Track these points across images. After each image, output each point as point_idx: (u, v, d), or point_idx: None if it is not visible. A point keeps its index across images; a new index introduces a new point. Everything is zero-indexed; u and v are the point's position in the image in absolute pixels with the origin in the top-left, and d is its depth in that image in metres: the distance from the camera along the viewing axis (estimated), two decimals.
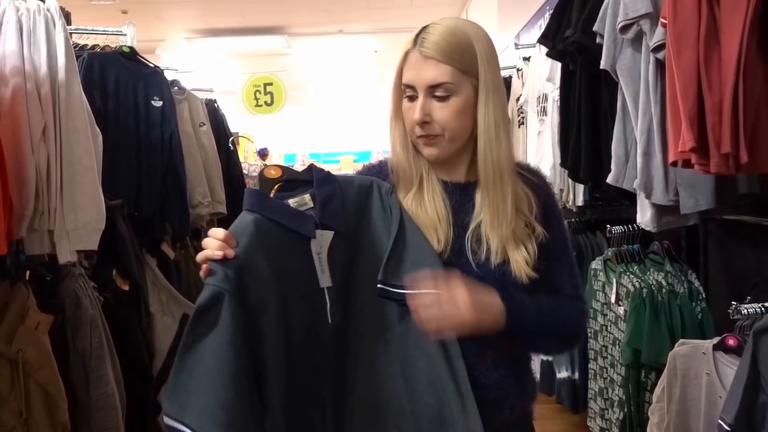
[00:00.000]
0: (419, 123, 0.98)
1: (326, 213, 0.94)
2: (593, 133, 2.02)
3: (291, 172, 0.99)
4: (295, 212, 0.93)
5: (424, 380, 0.91)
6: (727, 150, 1.17)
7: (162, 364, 2.33)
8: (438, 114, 0.97)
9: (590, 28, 1.83)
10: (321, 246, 0.92)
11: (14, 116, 1.68)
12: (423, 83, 0.96)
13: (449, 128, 0.98)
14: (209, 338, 0.81)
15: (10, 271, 1.79)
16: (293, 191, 0.96)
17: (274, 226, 0.91)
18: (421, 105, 0.97)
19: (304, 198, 0.95)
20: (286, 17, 6.22)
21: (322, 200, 0.95)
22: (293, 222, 0.92)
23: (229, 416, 0.78)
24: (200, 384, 0.80)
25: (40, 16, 1.77)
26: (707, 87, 1.20)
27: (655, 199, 1.66)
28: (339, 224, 0.94)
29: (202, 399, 0.79)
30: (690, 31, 1.24)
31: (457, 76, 0.96)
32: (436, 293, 0.88)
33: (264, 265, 0.87)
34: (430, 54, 0.95)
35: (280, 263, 0.89)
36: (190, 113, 2.97)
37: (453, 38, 0.96)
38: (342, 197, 0.97)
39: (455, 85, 0.96)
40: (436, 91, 0.96)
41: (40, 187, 1.71)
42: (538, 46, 2.64)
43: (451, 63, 0.96)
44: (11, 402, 1.65)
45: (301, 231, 0.92)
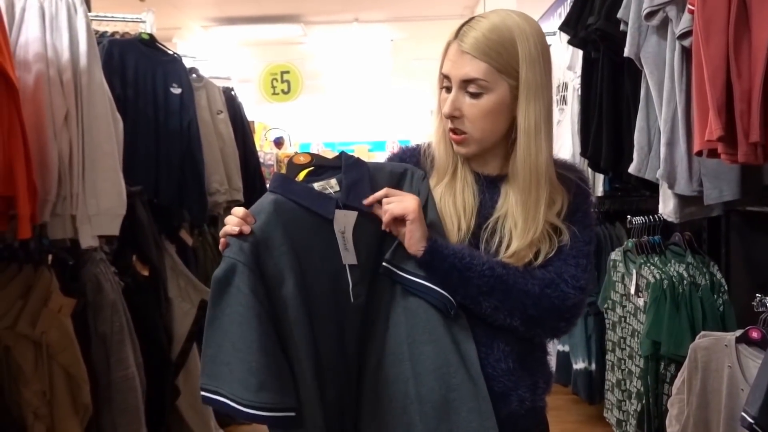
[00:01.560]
0: (448, 116, 0.97)
1: (351, 195, 0.95)
2: (615, 123, 1.99)
3: (320, 158, 1.01)
4: (318, 194, 0.95)
5: (431, 365, 0.92)
6: (755, 139, 1.14)
7: (180, 349, 2.36)
8: (468, 110, 0.96)
9: (614, 15, 1.80)
10: (345, 226, 0.94)
11: (37, 102, 1.70)
12: (457, 77, 0.95)
13: (478, 127, 0.97)
14: (230, 308, 0.84)
15: (34, 255, 1.82)
16: (320, 176, 0.98)
17: (296, 206, 0.93)
18: (453, 99, 0.96)
19: (330, 182, 0.97)
20: (301, 6, 6.20)
21: (349, 183, 0.96)
22: (313, 203, 0.93)
23: (258, 379, 0.82)
24: (227, 353, 0.83)
25: (62, 2, 1.79)
26: (736, 74, 1.18)
27: (678, 189, 1.64)
28: (362, 206, 0.95)
29: (232, 367, 0.82)
30: (719, 17, 1.21)
31: (492, 74, 0.94)
32: None
33: (282, 240, 0.90)
34: (467, 49, 0.94)
35: (300, 240, 0.91)
36: (207, 101, 2.98)
37: (493, 35, 0.94)
38: (371, 181, 0.98)
39: (489, 83, 0.94)
40: (469, 87, 0.95)
41: (62, 172, 1.73)
42: (559, 34, 2.60)
43: (488, 60, 0.93)
44: (35, 383, 1.68)
45: (320, 211, 0.93)
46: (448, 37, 0.98)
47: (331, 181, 0.97)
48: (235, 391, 0.82)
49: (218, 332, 0.85)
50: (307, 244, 0.92)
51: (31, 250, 1.82)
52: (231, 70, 4.50)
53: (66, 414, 1.73)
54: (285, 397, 0.84)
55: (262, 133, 6.48)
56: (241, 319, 0.84)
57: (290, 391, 0.85)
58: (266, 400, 0.82)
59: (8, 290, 1.74)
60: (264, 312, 0.85)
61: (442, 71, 0.98)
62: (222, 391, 0.82)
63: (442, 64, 0.98)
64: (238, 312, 0.84)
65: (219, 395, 0.83)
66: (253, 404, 0.82)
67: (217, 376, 0.83)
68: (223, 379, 0.83)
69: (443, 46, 0.99)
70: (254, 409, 0.82)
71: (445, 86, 0.98)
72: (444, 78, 0.98)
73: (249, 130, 3.62)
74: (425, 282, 0.93)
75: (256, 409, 0.82)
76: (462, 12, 6.51)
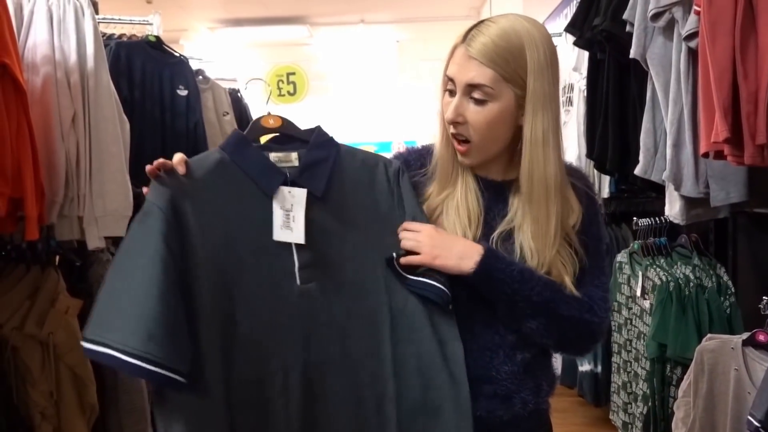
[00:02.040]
0: (451, 122, 0.95)
1: (306, 174, 0.91)
2: (621, 124, 1.98)
3: (292, 127, 0.96)
4: (268, 165, 0.90)
5: (413, 365, 0.90)
6: (762, 141, 1.14)
7: None
8: (472, 117, 0.94)
9: (620, 17, 1.80)
10: (292, 204, 0.88)
11: (45, 104, 1.71)
12: (462, 81, 0.93)
13: (480, 135, 0.95)
14: (136, 252, 0.79)
15: (41, 256, 1.84)
16: (283, 145, 0.94)
17: (238, 170, 0.88)
18: (456, 104, 0.94)
19: (291, 155, 0.92)
20: (307, 7, 6.21)
21: (308, 162, 0.92)
22: (257, 173, 0.89)
23: (147, 328, 0.74)
24: (122, 299, 0.76)
25: (70, 5, 1.80)
26: (743, 76, 1.17)
27: (684, 191, 1.63)
28: (317, 187, 0.90)
29: (123, 314, 0.75)
30: (726, 18, 1.21)
31: (498, 81, 0.92)
32: None
33: (211, 200, 0.85)
34: (474, 54, 0.92)
35: (233, 207, 0.86)
36: (214, 102, 2.99)
37: (502, 42, 0.91)
38: (336, 165, 0.93)
39: (495, 91, 0.92)
40: (474, 93, 0.93)
41: (69, 173, 1.74)
42: (564, 35, 2.60)
43: (494, 67, 0.91)
44: (42, 383, 1.69)
45: (261, 184, 0.88)
46: (456, 39, 0.96)
47: (292, 154, 0.92)
48: (121, 340, 0.74)
49: (118, 276, 0.78)
50: (242, 212, 0.86)
51: (38, 251, 1.83)
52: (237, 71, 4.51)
53: (73, 414, 1.74)
54: (175, 356, 0.76)
55: None
56: (145, 263, 0.77)
57: (183, 355, 0.77)
58: (154, 352, 0.74)
59: (16, 291, 1.75)
60: (173, 264, 0.78)
61: (447, 74, 0.96)
62: (106, 341, 0.74)
63: (447, 65, 0.97)
64: (144, 255, 0.78)
65: (103, 345, 0.74)
66: (139, 354, 0.73)
67: (106, 325, 0.76)
68: (112, 327, 0.75)
69: (450, 48, 0.97)
70: (139, 360, 0.73)
71: (448, 89, 0.97)
72: (448, 80, 0.96)
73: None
74: (427, 280, 0.91)
75: (141, 360, 0.73)
76: (468, 13, 6.50)
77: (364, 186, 0.95)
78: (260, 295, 0.86)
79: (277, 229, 0.87)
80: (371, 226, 0.93)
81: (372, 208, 0.94)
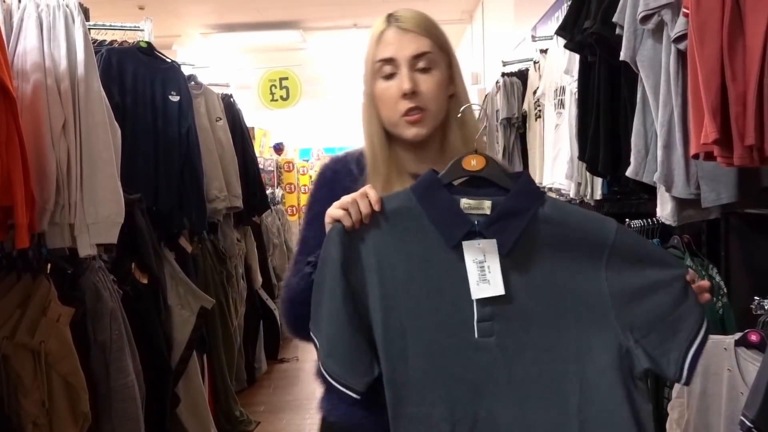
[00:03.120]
0: (408, 93, 0.95)
1: (495, 226, 0.85)
2: (612, 126, 1.99)
3: (493, 171, 0.89)
4: (456, 212, 0.86)
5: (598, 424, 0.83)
6: (751, 142, 1.14)
7: (180, 356, 2.36)
8: (424, 86, 0.96)
9: (610, 19, 1.80)
10: (484, 254, 0.84)
11: (35, 111, 1.70)
12: (406, 55, 0.95)
13: (435, 101, 0.97)
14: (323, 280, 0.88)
15: (32, 264, 1.82)
16: (478, 189, 0.88)
17: (424, 214, 0.87)
18: (409, 76, 0.95)
19: (483, 203, 0.86)
20: (300, 12, 6.22)
21: (503, 212, 0.85)
22: (441, 222, 0.86)
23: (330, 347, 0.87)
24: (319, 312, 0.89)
25: (60, 12, 1.79)
26: (731, 77, 1.17)
27: (675, 192, 1.64)
28: (505, 241, 0.84)
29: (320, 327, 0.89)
30: (713, 20, 1.21)
31: (435, 49, 0.97)
32: None
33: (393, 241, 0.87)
34: (410, 27, 0.96)
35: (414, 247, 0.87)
36: (206, 108, 2.99)
37: (425, 16, 0.99)
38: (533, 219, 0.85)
39: (435, 56, 0.97)
40: (420, 62, 0.96)
41: (60, 181, 1.74)
42: (556, 38, 2.61)
43: (430, 36, 0.97)
44: (34, 392, 1.68)
45: (443, 235, 0.85)
46: (377, 28, 0.99)
47: (485, 202, 0.86)
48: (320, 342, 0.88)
49: (317, 292, 0.89)
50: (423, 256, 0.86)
51: (29, 259, 1.82)
52: (230, 76, 4.51)
53: (65, 423, 1.72)
54: (349, 375, 0.86)
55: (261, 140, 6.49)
56: (330, 294, 0.86)
57: (358, 374, 0.86)
58: (331, 368, 0.86)
59: (7, 299, 1.74)
60: (351, 295, 0.86)
61: (380, 58, 0.97)
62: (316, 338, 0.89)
63: (376, 52, 0.98)
64: (328, 285, 0.87)
65: (316, 338, 0.89)
66: (322, 365, 0.87)
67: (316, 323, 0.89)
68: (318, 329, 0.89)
69: (373, 36, 0.99)
70: (323, 368, 0.88)
71: (385, 74, 0.97)
72: (383, 64, 0.97)
73: (248, 136, 3.63)
74: None
75: (323, 370, 0.88)
76: (460, 17, 6.53)
77: (562, 248, 0.86)
78: (435, 340, 0.85)
79: (474, 284, 0.84)
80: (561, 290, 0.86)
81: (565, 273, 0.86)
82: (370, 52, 0.99)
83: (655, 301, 0.85)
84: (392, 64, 0.96)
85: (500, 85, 3.46)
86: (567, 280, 0.86)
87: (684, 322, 0.86)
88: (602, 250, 0.85)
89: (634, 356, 0.84)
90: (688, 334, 0.85)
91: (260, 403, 3.53)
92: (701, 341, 0.86)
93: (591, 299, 0.85)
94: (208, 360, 2.92)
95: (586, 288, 0.85)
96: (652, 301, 0.86)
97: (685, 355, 0.85)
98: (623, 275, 0.85)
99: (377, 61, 0.98)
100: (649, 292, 0.86)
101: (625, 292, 0.86)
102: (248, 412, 3.26)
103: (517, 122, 3.37)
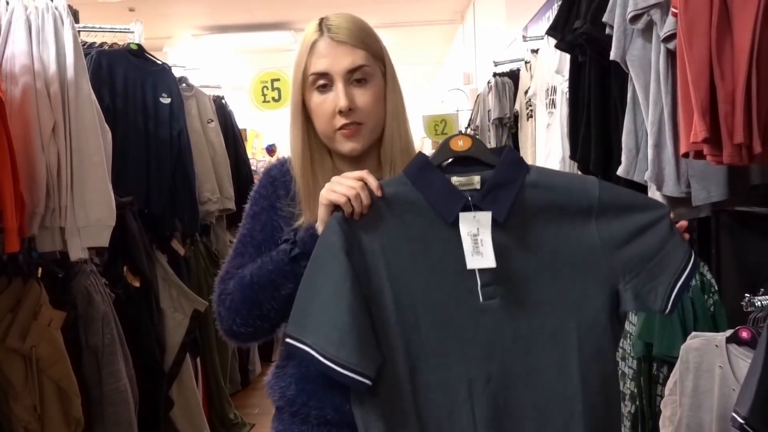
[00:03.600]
0: (344, 110, 0.93)
1: (488, 198, 0.90)
2: (603, 125, 2.00)
3: (480, 149, 0.93)
4: (450, 190, 0.90)
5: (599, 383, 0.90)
6: (740, 140, 1.15)
7: (173, 360, 2.35)
8: (360, 100, 0.94)
9: (600, 19, 1.81)
10: (477, 227, 0.89)
11: (24, 115, 1.69)
12: (341, 69, 0.93)
13: (372, 114, 0.95)
14: (327, 265, 0.87)
15: (23, 268, 1.81)
16: (467, 167, 0.93)
17: (420, 195, 0.91)
18: (345, 91, 0.93)
19: (473, 178, 0.91)
20: (292, 13, 6.21)
21: (492, 185, 0.91)
22: (437, 199, 0.90)
23: (340, 336, 0.84)
24: (316, 306, 0.86)
25: (49, 14, 1.78)
26: (720, 76, 1.18)
27: (666, 191, 1.65)
28: (499, 211, 0.89)
29: (317, 319, 0.86)
30: (702, 19, 1.22)
31: (370, 60, 0.95)
32: None
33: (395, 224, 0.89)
34: (343, 38, 0.93)
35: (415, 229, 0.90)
36: (198, 110, 2.98)
37: (359, 24, 0.96)
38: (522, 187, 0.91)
39: (371, 68, 0.95)
40: (355, 76, 0.94)
41: (50, 184, 1.73)
42: (547, 38, 2.61)
43: (364, 47, 0.94)
44: (25, 397, 1.67)
45: (441, 212, 0.90)
46: (309, 37, 0.95)
47: (474, 177, 0.91)
48: (318, 342, 0.85)
49: (311, 285, 0.87)
50: (424, 235, 0.90)
51: (20, 263, 1.81)
52: (222, 78, 4.50)
53: (57, 428, 1.71)
54: (363, 362, 0.85)
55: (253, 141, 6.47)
56: (335, 279, 0.86)
57: (369, 360, 0.85)
58: (345, 358, 0.84)
59: None
60: (357, 280, 0.86)
61: (314, 71, 0.94)
62: (306, 340, 0.85)
63: (307, 64, 0.94)
64: (333, 271, 0.86)
65: (303, 344, 0.85)
66: (332, 358, 0.84)
67: (303, 326, 0.86)
68: (308, 329, 0.86)
69: (303, 47, 0.95)
70: (332, 363, 0.84)
71: (319, 86, 0.95)
72: (318, 78, 0.94)
73: (240, 138, 3.62)
74: None
75: (334, 364, 0.84)
76: (452, 17, 6.54)
77: (552, 209, 0.92)
78: (444, 312, 0.90)
79: (469, 256, 0.89)
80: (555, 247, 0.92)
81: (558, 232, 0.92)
82: (302, 62, 0.95)
83: (643, 243, 0.91)
84: (326, 78, 0.94)
85: (492, 85, 3.47)
86: (561, 238, 0.91)
87: (671, 257, 0.91)
88: (590, 206, 0.91)
89: (622, 299, 0.91)
90: (675, 268, 0.91)
91: (254, 405, 3.52)
92: (689, 273, 0.91)
93: (585, 252, 0.91)
94: (201, 363, 2.91)
95: (579, 243, 0.91)
96: (641, 244, 0.91)
97: (672, 287, 0.90)
98: (612, 225, 0.92)
99: (311, 74, 0.95)
100: (637, 235, 0.92)
101: (615, 240, 0.91)
102: (242, 415, 3.25)
103: (508, 122, 3.38)
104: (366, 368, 0.85)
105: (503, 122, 3.39)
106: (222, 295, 0.96)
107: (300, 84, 0.97)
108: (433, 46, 8.07)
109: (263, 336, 1.00)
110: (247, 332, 0.96)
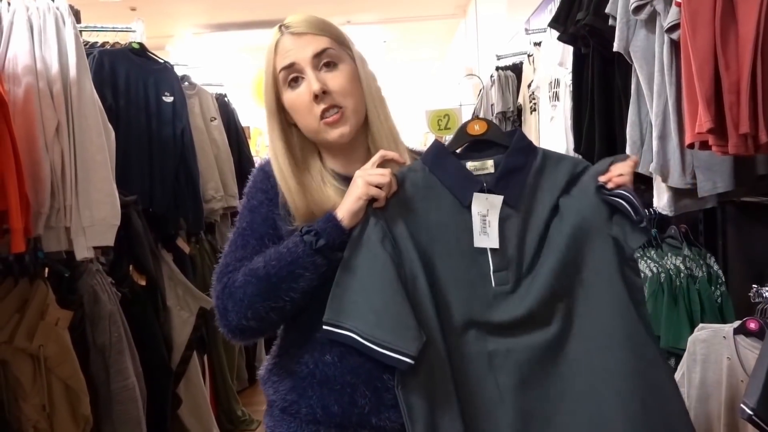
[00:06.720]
0: (318, 94, 0.94)
1: (501, 183, 0.95)
2: (607, 118, 1.99)
3: (495, 132, 0.98)
4: (465, 175, 0.96)
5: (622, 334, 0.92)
6: (745, 130, 1.14)
7: (180, 357, 2.36)
8: (333, 83, 0.95)
9: (602, 11, 1.80)
10: (487, 208, 0.94)
11: (27, 115, 1.69)
12: (307, 56, 0.95)
13: (349, 95, 0.96)
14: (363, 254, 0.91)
15: (29, 268, 1.82)
16: (481, 152, 0.98)
17: (437, 181, 0.95)
18: (314, 77, 0.94)
19: (487, 163, 0.97)
20: (293, 9, 6.18)
21: (505, 170, 0.96)
22: (453, 184, 0.95)
23: (378, 318, 0.88)
24: (355, 293, 0.90)
25: (50, 14, 1.78)
26: (724, 66, 1.17)
27: (671, 182, 1.64)
28: (511, 195, 0.95)
29: (356, 306, 0.89)
30: (705, 9, 1.21)
31: (335, 45, 0.97)
32: None
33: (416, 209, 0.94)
34: (304, 30, 0.96)
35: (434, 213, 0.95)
36: (200, 108, 2.98)
37: (317, 17, 0.99)
38: (537, 173, 0.96)
39: (337, 52, 0.97)
40: (323, 60, 0.95)
41: (55, 184, 1.73)
42: (549, 31, 2.60)
43: (326, 34, 0.97)
44: (34, 396, 1.68)
45: (457, 196, 0.95)
46: (272, 40, 0.98)
47: (488, 162, 0.97)
48: (357, 326, 0.88)
49: (349, 273, 0.90)
50: (442, 220, 0.94)
51: (26, 263, 1.82)
52: (224, 76, 4.50)
53: (66, 427, 1.72)
54: (401, 341, 0.87)
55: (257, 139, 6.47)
56: (375, 266, 0.89)
57: (409, 339, 0.87)
58: (383, 338, 0.86)
59: (4, 304, 1.73)
60: (392, 264, 0.90)
61: (282, 66, 0.96)
62: (345, 324, 0.88)
63: (275, 63, 0.97)
64: (370, 258, 0.90)
65: (341, 328, 0.88)
66: (372, 339, 0.87)
67: (341, 311, 0.89)
68: (347, 314, 0.89)
69: (270, 48, 0.97)
70: (372, 344, 0.86)
71: (291, 79, 0.96)
72: (288, 72, 0.96)
73: (243, 135, 3.62)
74: None
75: (374, 344, 0.86)
76: (454, 11, 6.51)
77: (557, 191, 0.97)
78: (459, 296, 0.94)
79: (477, 235, 0.94)
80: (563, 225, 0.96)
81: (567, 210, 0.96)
82: (270, 64, 0.97)
83: None
84: (295, 69, 0.95)
85: (495, 79, 3.45)
86: (568, 216, 0.96)
87: None
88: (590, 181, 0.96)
89: (621, 242, 0.95)
90: None
91: (262, 402, 3.51)
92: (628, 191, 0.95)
93: (589, 221, 0.96)
94: (208, 360, 2.92)
95: (583, 215, 0.96)
96: None
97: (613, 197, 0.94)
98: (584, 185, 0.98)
99: (280, 71, 0.96)
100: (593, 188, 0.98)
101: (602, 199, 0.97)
102: (250, 411, 3.26)
103: (512, 116, 3.37)
104: (406, 347, 0.87)
105: (507, 116, 3.38)
106: (228, 288, 0.93)
107: (272, 87, 0.98)
108: (435, 41, 8.05)
109: (269, 331, 0.99)
110: (256, 327, 0.93)
